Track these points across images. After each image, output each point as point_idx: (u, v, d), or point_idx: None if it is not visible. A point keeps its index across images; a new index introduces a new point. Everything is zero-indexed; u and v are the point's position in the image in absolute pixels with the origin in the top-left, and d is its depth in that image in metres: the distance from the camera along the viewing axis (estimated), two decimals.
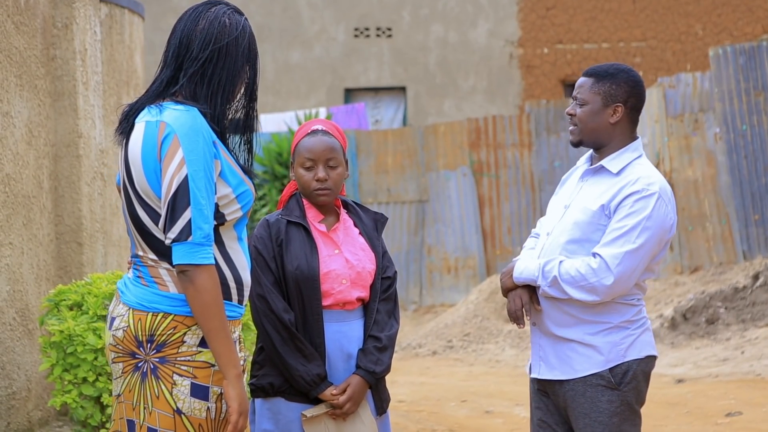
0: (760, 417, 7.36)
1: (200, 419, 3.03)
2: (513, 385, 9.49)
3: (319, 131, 3.81)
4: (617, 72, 3.85)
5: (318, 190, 3.78)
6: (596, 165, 3.87)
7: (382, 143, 15.28)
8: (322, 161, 3.77)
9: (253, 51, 3.18)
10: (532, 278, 3.79)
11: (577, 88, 3.87)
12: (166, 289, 3.04)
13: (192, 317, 3.02)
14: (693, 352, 10.17)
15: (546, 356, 3.85)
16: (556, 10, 18.59)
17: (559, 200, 3.97)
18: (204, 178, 2.99)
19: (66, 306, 5.27)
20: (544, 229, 3.95)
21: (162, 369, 3.02)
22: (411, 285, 15.05)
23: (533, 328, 3.91)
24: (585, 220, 3.78)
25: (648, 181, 3.76)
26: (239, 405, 3.01)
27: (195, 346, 3.03)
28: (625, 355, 3.76)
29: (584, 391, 3.77)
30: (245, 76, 3.18)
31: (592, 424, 3.74)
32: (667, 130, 12.92)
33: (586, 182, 3.89)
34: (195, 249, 2.97)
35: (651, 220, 3.71)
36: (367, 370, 3.73)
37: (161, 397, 3.02)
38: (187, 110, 3.05)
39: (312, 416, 3.69)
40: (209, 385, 3.04)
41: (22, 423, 5.84)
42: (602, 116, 3.82)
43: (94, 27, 6.67)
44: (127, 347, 3.05)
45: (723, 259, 12.39)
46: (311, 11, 18.89)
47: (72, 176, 6.38)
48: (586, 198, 3.84)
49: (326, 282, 3.72)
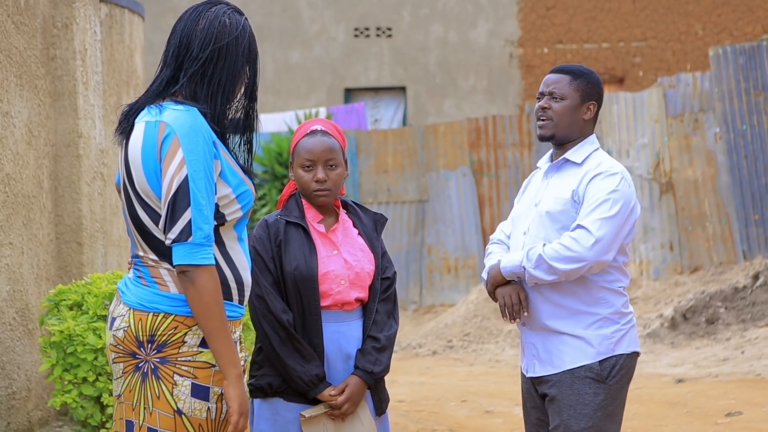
0: (760, 417, 7.36)
1: (200, 420, 3.03)
2: (513, 385, 9.49)
3: (319, 131, 3.81)
4: (588, 72, 3.99)
5: (317, 191, 3.78)
6: (559, 159, 3.96)
7: (382, 143, 15.28)
8: (321, 162, 3.77)
9: (253, 51, 3.18)
10: (517, 265, 3.83)
11: (552, 84, 3.94)
12: (167, 289, 3.04)
13: (193, 317, 3.01)
14: (693, 352, 10.17)
15: (538, 353, 3.90)
16: (556, 10, 18.59)
17: (525, 201, 4.04)
18: (204, 178, 2.99)
19: (66, 306, 5.27)
20: (519, 228, 3.99)
21: (163, 369, 3.01)
22: (411, 285, 15.05)
23: (523, 329, 3.95)
24: (558, 209, 3.87)
25: (610, 164, 3.90)
26: (239, 405, 3.01)
27: (196, 346, 3.02)
28: (615, 349, 3.84)
29: (572, 383, 3.82)
30: (245, 76, 3.17)
31: (577, 416, 3.79)
32: (667, 130, 12.92)
33: (551, 178, 3.98)
34: (195, 249, 2.97)
35: (619, 193, 3.82)
36: (366, 371, 3.73)
37: (162, 398, 3.01)
38: (187, 110, 3.05)
39: (311, 417, 3.69)
40: (210, 386, 3.03)
41: (22, 423, 5.84)
42: (578, 112, 3.94)
43: (94, 27, 6.67)
44: (128, 347, 3.05)
45: (723, 259, 12.39)
46: (311, 11, 18.88)
47: (72, 176, 6.38)
48: (554, 190, 3.92)
49: (325, 282, 3.72)
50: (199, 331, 3.02)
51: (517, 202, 4.12)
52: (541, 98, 3.97)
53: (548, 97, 3.94)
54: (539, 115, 3.96)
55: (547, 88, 3.95)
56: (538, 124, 3.97)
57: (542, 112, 3.95)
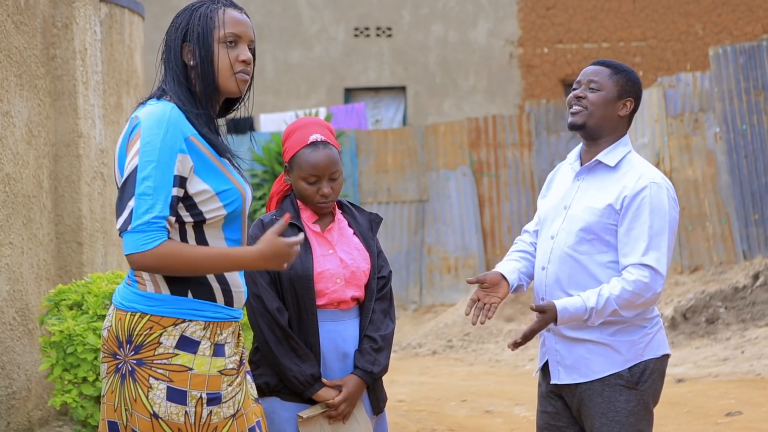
0: (760, 417, 7.36)
1: (179, 424, 2.96)
2: (513, 385, 9.50)
3: (320, 143, 3.76)
4: (630, 70, 3.85)
5: (322, 203, 3.78)
6: (592, 162, 3.83)
7: (382, 143, 15.29)
8: (326, 177, 3.76)
9: (195, 30, 3.05)
10: (578, 317, 3.67)
11: (591, 74, 3.81)
12: (144, 288, 2.99)
13: (168, 317, 2.96)
14: (693, 351, 10.17)
15: (563, 360, 3.80)
16: (556, 9, 18.58)
17: (554, 201, 3.92)
18: (156, 168, 2.91)
19: (66, 306, 5.27)
20: (547, 232, 3.88)
21: (139, 371, 2.96)
22: (411, 285, 15.05)
23: (547, 333, 3.85)
24: (592, 220, 3.74)
25: (652, 174, 3.75)
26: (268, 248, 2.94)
27: (171, 348, 2.96)
28: (643, 354, 3.75)
29: (602, 391, 3.73)
30: (189, 56, 3.07)
31: (609, 423, 3.71)
32: (667, 130, 12.92)
33: (582, 181, 3.85)
34: (136, 237, 2.89)
35: (671, 213, 3.71)
36: (365, 371, 3.73)
37: (138, 401, 2.96)
38: (163, 105, 3.00)
39: (308, 417, 3.69)
40: (187, 389, 2.96)
41: (22, 423, 5.84)
42: (614, 106, 3.80)
43: (94, 27, 6.67)
44: (110, 347, 3.01)
45: (723, 259, 12.39)
46: (311, 11, 18.88)
47: (72, 176, 6.38)
48: (587, 197, 3.80)
49: (320, 281, 3.72)
50: (175, 332, 2.96)
51: (542, 198, 4.01)
52: (577, 88, 3.83)
53: (585, 87, 3.80)
54: (573, 103, 3.82)
55: (585, 78, 3.81)
56: (571, 111, 3.82)
57: (576, 100, 3.81)
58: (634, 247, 3.67)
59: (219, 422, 3.00)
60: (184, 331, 2.98)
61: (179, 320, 2.98)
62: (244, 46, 3.10)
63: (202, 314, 3.01)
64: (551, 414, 3.89)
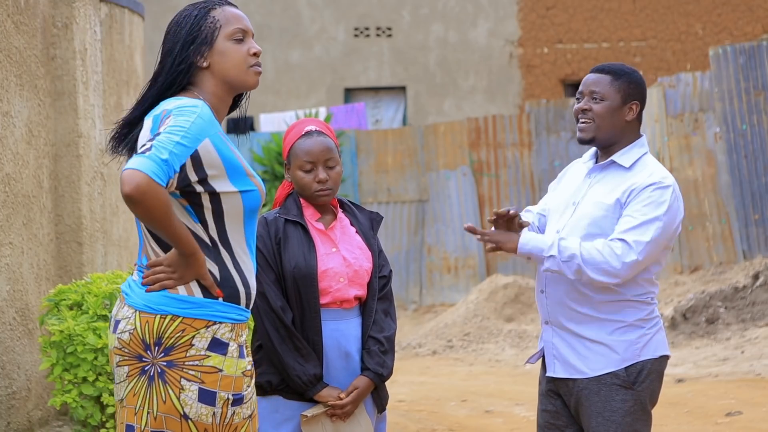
0: (760, 416, 7.36)
1: (206, 424, 2.99)
2: (513, 385, 9.50)
3: (314, 132, 3.81)
4: (630, 71, 3.82)
5: (320, 191, 3.78)
6: (605, 161, 3.82)
7: (382, 143, 15.29)
8: (321, 162, 3.78)
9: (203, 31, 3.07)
10: (538, 249, 3.70)
11: (592, 84, 3.79)
12: (175, 291, 3.00)
13: (201, 320, 2.98)
14: (693, 351, 10.17)
15: (560, 354, 3.81)
16: (556, 9, 18.59)
17: (563, 196, 3.91)
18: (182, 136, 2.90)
19: (66, 306, 5.27)
20: (553, 225, 3.88)
21: (170, 373, 2.97)
22: (411, 285, 15.05)
23: (546, 326, 3.86)
24: (600, 214, 3.74)
25: (662, 174, 3.75)
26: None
27: (203, 350, 2.98)
28: (640, 354, 3.74)
29: (598, 390, 3.73)
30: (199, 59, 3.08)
31: (605, 423, 3.71)
32: (667, 130, 12.92)
33: (594, 179, 3.84)
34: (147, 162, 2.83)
35: (669, 212, 3.70)
36: (376, 373, 3.75)
37: (168, 402, 2.97)
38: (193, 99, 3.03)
39: (312, 416, 3.69)
40: (216, 390, 2.99)
41: (22, 423, 5.84)
42: (620, 113, 3.78)
43: (94, 27, 6.67)
44: (134, 350, 3.00)
45: (723, 259, 12.39)
46: (311, 11, 18.88)
47: (72, 176, 6.38)
48: (597, 194, 3.79)
49: (324, 280, 3.72)
50: (207, 333, 2.99)
51: (552, 191, 3.99)
52: (580, 99, 3.80)
53: (588, 98, 3.78)
54: (579, 117, 3.80)
55: (587, 89, 3.78)
56: (579, 126, 3.79)
57: (582, 114, 3.78)
58: (621, 226, 3.69)
59: (239, 422, 3.04)
60: (215, 333, 3.00)
61: (211, 323, 3.00)
62: (251, 40, 3.14)
63: (230, 316, 3.03)
64: (551, 413, 3.89)
